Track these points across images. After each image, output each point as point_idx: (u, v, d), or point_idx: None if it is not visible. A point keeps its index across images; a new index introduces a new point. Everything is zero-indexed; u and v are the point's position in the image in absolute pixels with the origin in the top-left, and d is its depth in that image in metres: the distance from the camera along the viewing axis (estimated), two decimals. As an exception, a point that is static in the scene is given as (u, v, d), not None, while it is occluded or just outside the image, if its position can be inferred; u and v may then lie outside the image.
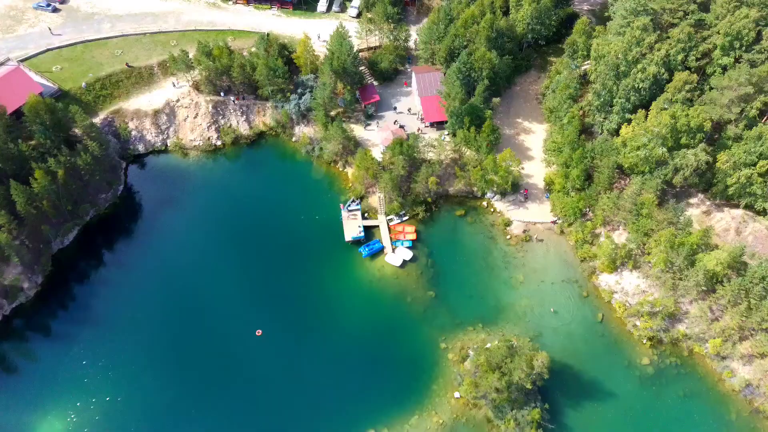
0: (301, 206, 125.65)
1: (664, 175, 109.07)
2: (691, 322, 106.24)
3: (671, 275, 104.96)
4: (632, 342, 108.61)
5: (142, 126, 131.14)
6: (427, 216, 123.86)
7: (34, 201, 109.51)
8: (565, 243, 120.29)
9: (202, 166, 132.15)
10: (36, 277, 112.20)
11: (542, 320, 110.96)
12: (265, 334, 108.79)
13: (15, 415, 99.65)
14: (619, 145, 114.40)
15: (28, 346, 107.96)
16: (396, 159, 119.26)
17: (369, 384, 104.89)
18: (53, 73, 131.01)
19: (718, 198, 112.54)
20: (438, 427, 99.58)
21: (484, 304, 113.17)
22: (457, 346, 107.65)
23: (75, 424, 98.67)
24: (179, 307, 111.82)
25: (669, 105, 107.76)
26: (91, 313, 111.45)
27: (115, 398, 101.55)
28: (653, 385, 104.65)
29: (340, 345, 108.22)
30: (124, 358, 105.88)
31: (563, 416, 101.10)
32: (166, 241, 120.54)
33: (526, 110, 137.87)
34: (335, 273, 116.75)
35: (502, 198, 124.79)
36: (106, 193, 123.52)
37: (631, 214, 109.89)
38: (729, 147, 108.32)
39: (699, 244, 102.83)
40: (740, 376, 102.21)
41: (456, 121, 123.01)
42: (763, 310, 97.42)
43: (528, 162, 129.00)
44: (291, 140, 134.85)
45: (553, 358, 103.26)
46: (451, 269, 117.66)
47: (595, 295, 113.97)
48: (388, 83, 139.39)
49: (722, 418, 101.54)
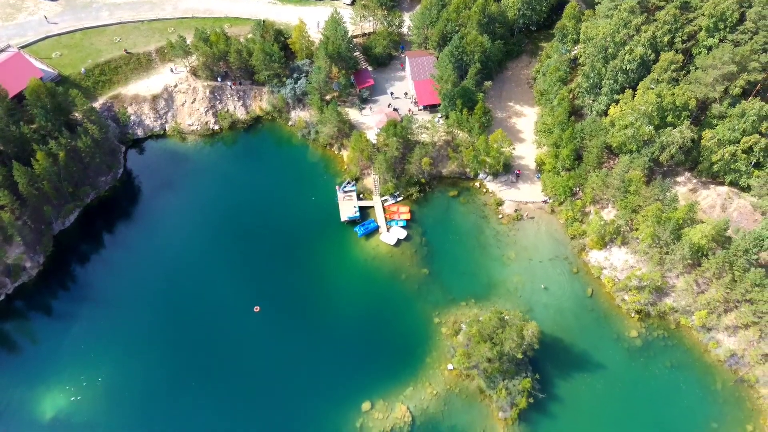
0: (297, 188, 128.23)
1: (651, 153, 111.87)
2: (677, 296, 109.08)
3: (658, 250, 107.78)
4: (621, 315, 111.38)
5: (140, 111, 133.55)
6: (420, 197, 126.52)
7: (35, 182, 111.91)
8: (556, 221, 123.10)
9: (199, 150, 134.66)
10: (38, 257, 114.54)
11: (533, 296, 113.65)
12: (262, 310, 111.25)
13: (18, 391, 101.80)
14: (608, 125, 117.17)
15: (31, 324, 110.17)
16: (390, 141, 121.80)
17: (365, 358, 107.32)
18: (53, 60, 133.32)
19: (704, 176, 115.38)
20: (432, 397, 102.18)
21: (476, 281, 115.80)
22: (450, 321, 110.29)
23: (77, 400, 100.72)
24: (178, 286, 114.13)
25: (655, 85, 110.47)
26: (92, 292, 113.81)
27: (115, 375, 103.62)
28: (641, 356, 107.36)
29: (336, 321, 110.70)
30: (125, 335, 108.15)
31: (553, 386, 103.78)
32: (165, 222, 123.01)
33: (517, 94, 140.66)
34: (331, 252, 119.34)
35: (494, 179, 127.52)
36: (105, 175, 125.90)
37: (619, 191, 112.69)
38: (714, 126, 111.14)
39: (685, 219, 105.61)
40: (725, 346, 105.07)
41: (449, 103, 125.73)
42: (746, 282, 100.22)
43: (519, 144, 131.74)
44: (287, 124, 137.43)
45: (544, 332, 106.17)
46: (444, 248, 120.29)
47: (585, 272, 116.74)
48: (383, 68, 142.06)
49: (708, 387, 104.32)
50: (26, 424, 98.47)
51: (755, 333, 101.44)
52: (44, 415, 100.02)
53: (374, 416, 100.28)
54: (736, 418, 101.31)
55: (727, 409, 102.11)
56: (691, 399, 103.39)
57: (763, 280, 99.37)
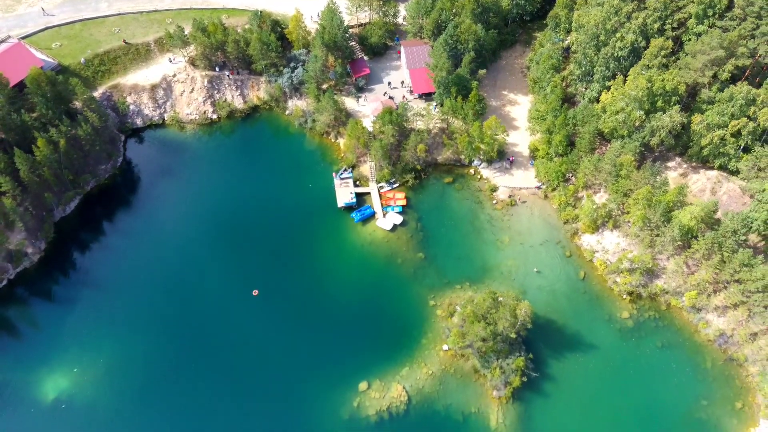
0: (294, 176, 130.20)
1: (642, 138, 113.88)
2: (668, 278, 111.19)
3: (649, 232, 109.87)
4: (613, 297, 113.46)
5: (139, 100, 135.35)
6: (416, 183, 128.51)
7: (36, 169, 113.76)
8: (549, 207, 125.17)
9: (198, 138, 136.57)
10: (39, 243, 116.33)
11: (527, 279, 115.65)
12: (261, 294, 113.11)
13: (20, 373, 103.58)
14: (599, 111, 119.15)
15: (32, 308, 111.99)
16: (386, 128, 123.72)
17: (362, 340, 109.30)
18: (53, 50, 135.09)
19: (694, 160, 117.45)
20: (427, 377, 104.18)
21: (471, 265, 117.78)
22: (446, 303, 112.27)
23: (78, 382, 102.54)
24: (178, 271, 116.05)
25: (645, 71, 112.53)
26: (93, 278, 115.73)
27: (116, 356, 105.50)
28: (632, 337, 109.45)
29: (334, 304, 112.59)
30: (126, 318, 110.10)
31: (547, 366, 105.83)
32: (164, 210, 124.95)
33: (511, 83, 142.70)
34: (328, 237, 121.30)
35: (488, 165, 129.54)
36: (105, 164, 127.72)
37: (610, 175, 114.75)
38: (703, 110, 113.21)
39: (674, 202, 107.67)
40: (715, 326, 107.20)
41: (443, 91, 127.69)
42: (735, 262, 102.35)
43: (513, 131, 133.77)
44: (284, 113, 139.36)
45: (537, 314, 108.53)
46: (439, 233, 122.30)
47: (578, 255, 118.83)
48: (378, 58, 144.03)
49: (698, 366, 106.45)
50: (29, 405, 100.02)
51: (744, 312, 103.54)
52: (46, 397, 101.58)
53: (371, 396, 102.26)
54: (725, 396, 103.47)
55: (716, 387, 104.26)
56: (681, 378, 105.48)
57: (751, 260, 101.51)
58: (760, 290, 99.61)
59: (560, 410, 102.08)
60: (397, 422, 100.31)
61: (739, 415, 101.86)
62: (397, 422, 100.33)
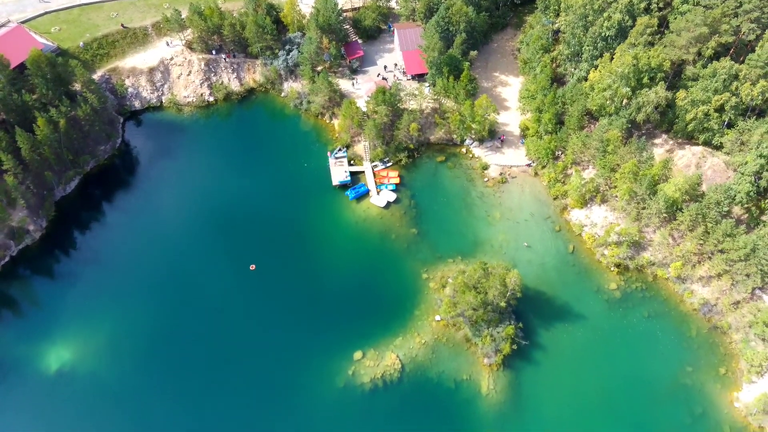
0: (290, 156, 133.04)
1: (629, 115, 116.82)
2: (654, 250, 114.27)
3: (635, 205, 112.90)
4: (601, 270, 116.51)
5: (137, 83, 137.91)
6: (409, 162, 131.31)
7: (37, 148, 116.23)
8: (539, 184, 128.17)
9: (195, 120, 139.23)
10: (41, 221, 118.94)
11: (517, 253, 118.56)
12: (258, 268, 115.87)
13: (23, 347, 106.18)
14: (588, 89, 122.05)
15: (34, 284, 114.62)
16: (379, 108, 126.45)
17: (356, 312, 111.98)
18: (52, 34, 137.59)
19: (679, 136, 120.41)
20: (420, 346, 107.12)
21: (462, 240, 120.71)
22: (438, 276, 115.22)
23: (78, 356, 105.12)
24: (177, 248, 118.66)
25: (631, 48, 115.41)
26: (93, 255, 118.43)
27: (117, 329, 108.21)
28: (620, 307, 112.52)
29: (329, 278, 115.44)
30: (126, 293, 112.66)
31: (536, 335, 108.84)
32: (163, 189, 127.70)
33: (502, 65, 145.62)
34: (324, 214, 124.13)
35: (480, 144, 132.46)
36: (105, 144, 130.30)
37: (598, 151, 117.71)
38: (688, 87, 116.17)
39: (660, 175, 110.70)
40: (699, 296, 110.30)
41: (435, 71, 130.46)
42: (718, 233, 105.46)
43: (504, 111, 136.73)
44: (280, 95, 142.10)
45: (527, 286, 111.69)
46: (432, 209, 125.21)
47: (567, 230, 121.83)
48: (372, 41, 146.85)
49: (683, 335, 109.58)
50: (32, 376, 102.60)
51: (727, 281, 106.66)
52: (49, 368, 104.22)
53: (365, 364, 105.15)
54: (710, 363, 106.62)
55: (701, 354, 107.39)
56: (667, 346, 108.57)
57: (734, 230, 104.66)
58: (742, 259, 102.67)
59: (549, 377, 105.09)
60: (391, 389, 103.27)
61: (722, 380, 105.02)
62: (391, 389, 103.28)
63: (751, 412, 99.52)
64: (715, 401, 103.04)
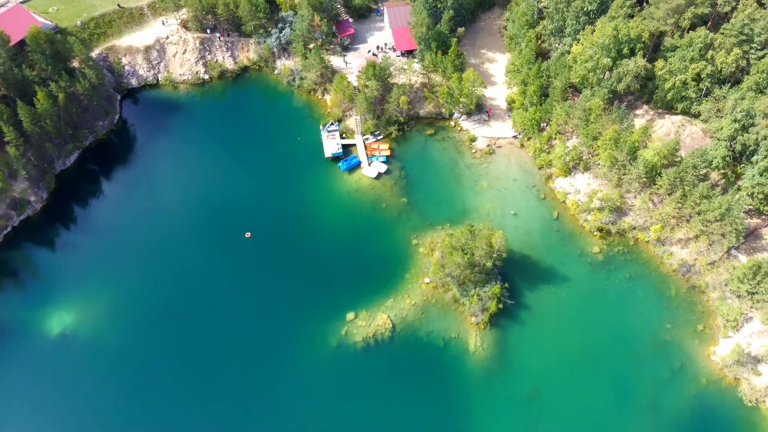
0: (284, 130, 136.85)
1: (610, 85, 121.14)
2: (635, 214, 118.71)
3: (616, 171, 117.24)
4: (584, 234, 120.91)
5: (134, 61, 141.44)
6: (399, 135, 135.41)
7: (38, 121, 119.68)
8: (525, 154, 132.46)
9: (191, 98, 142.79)
10: (41, 192, 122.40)
11: (504, 220, 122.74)
12: (254, 236, 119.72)
13: (26, 312, 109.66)
14: (571, 62, 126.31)
15: (36, 253, 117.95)
16: (370, 82, 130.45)
17: (349, 276, 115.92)
18: (50, 14, 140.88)
19: (659, 106, 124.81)
20: (410, 307, 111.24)
21: (451, 208, 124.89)
22: (427, 242, 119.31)
23: (79, 320, 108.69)
24: (175, 217, 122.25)
25: (612, 21, 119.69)
26: (93, 225, 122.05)
27: (116, 296, 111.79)
28: (602, 269, 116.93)
29: (323, 244, 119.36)
30: (125, 261, 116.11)
31: (522, 296, 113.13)
32: (161, 163, 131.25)
33: (489, 42, 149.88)
34: (317, 184, 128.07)
35: (468, 118, 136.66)
36: (103, 120, 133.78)
37: (581, 120, 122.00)
38: (667, 58, 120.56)
39: (640, 142, 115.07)
40: (678, 257, 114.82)
41: (424, 46, 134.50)
42: (695, 195, 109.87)
43: (492, 86, 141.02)
44: (273, 73, 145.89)
45: (513, 250, 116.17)
46: (422, 180, 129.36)
47: (551, 197, 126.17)
48: (362, 20, 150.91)
49: (663, 294, 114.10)
50: (35, 340, 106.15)
51: (704, 242, 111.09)
52: (52, 332, 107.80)
53: (358, 324, 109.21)
54: (688, 320, 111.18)
55: (680, 312, 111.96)
56: (647, 305, 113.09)
57: (710, 192, 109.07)
58: (717, 219, 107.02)
59: (534, 334, 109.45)
60: (382, 347, 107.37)
61: (700, 336, 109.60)
62: (383, 347, 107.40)
63: (726, 365, 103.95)
64: (692, 355, 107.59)
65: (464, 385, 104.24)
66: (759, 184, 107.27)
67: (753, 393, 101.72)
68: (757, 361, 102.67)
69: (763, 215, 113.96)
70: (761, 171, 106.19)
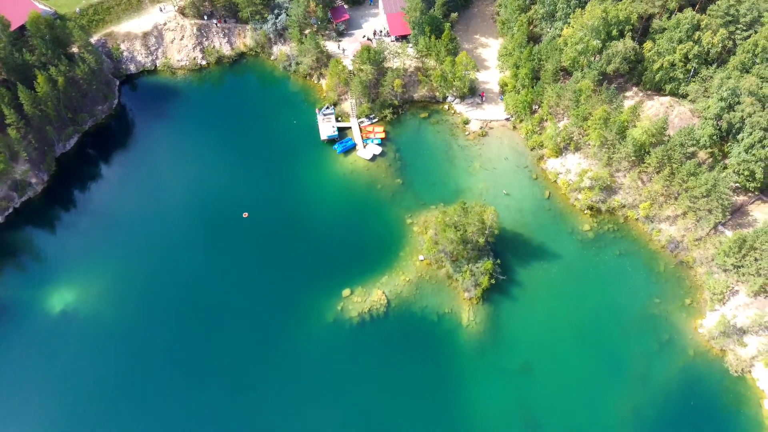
0: (280, 114, 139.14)
1: (600, 67, 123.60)
2: (625, 193, 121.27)
3: (606, 150, 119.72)
4: (575, 213, 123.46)
5: (132, 47, 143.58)
6: (394, 118, 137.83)
7: (38, 104, 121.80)
8: (517, 136, 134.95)
9: (189, 83, 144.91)
10: (42, 175, 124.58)
11: (496, 199, 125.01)
12: (252, 216, 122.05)
13: (29, 290, 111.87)
14: (561, 45, 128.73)
15: (37, 234, 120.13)
16: (365, 66, 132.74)
17: (345, 255, 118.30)
18: (49, 0, 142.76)
19: (648, 87, 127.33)
20: (405, 283, 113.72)
21: (445, 189, 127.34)
22: (421, 221, 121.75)
23: (80, 296, 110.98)
24: (174, 199, 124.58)
25: (601, 3, 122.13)
26: (93, 206, 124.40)
27: (117, 274, 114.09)
28: (593, 246, 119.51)
29: (319, 224, 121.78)
30: (124, 241, 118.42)
31: (514, 273, 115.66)
32: (159, 146, 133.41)
33: (483, 28, 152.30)
34: (313, 166, 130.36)
35: (461, 101, 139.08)
36: (102, 105, 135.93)
37: (571, 101, 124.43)
38: (655, 40, 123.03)
39: (628, 121, 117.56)
40: (666, 234, 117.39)
41: (418, 30, 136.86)
42: (682, 172, 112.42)
43: (485, 70, 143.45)
44: (269, 59, 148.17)
45: (506, 228, 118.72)
46: (416, 161, 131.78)
47: (543, 177, 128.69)
48: (357, 6, 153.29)
49: (652, 270, 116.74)
50: (37, 318, 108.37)
51: (692, 218, 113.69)
52: (54, 309, 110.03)
53: (353, 300, 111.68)
54: (676, 294, 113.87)
55: (668, 287, 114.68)
56: (636, 280, 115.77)
57: (697, 169, 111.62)
58: (704, 195, 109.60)
59: (526, 309, 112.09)
60: (377, 322, 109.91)
61: (688, 309, 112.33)
62: (378, 322, 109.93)
63: (713, 337, 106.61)
64: (680, 329, 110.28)
65: (457, 358, 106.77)
66: (744, 161, 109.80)
67: (739, 363, 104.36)
68: (743, 332, 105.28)
69: (749, 192, 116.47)
70: (746, 148, 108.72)
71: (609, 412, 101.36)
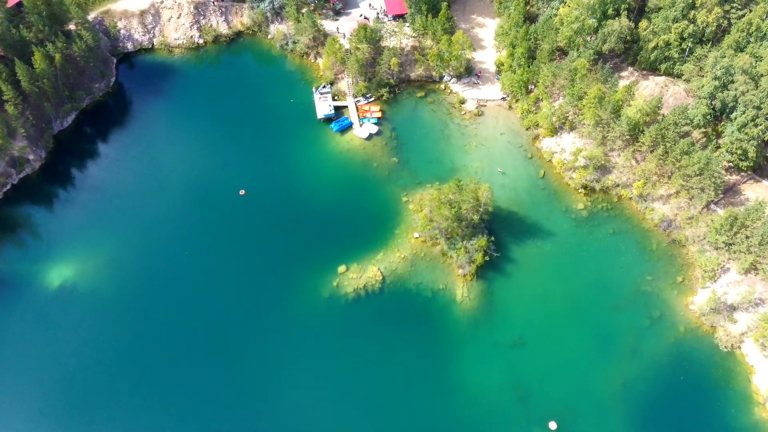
0: (277, 93, 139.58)
1: (596, 45, 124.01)
2: (619, 172, 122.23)
3: (600, 129, 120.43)
4: (569, 192, 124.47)
5: (129, 25, 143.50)
6: (390, 98, 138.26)
7: (36, 80, 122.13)
8: (513, 116, 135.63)
9: (186, 62, 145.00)
10: (40, 151, 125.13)
11: (491, 178, 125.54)
12: (248, 193, 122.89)
13: (27, 266, 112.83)
14: (558, 24, 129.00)
15: (35, 211, 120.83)
16: (362, 45, 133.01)
17: (341, 232, 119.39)
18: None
19: (643, 67, 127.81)
20: (400, 260, 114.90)
21: (440, 167, 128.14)
22: (417, 200, 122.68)
23: (78, 271, 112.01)
24: (171, 176, 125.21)
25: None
26: (91, 182, 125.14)
27: (114, 250, 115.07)
28: (587, 225, 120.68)
29: (315, 202, 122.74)
30: (123, 217, 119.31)
31: (508, 250, 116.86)
32: (157, 124, 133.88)
33: (479, 8, 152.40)
34: (309, 144, 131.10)
35: (457, 81, 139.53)
36: (99, 82, 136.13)
37: (567, 81, 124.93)
38: (651, 20, 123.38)
39: (623, 100, 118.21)
40: (659, 212, 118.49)
41: (415, 9, 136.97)
42: (676, 151, 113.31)
43: (481, 50, 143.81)
44: (266, 38, 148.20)
45: (500, 207, 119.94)
46: (412, 140, 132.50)
47: (538, 156, 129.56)
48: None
49: (645, 248, 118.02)
50: (36, 292, 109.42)
51: (685, 197, 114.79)
52: (52, 284, 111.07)
53: (349, 276, 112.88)
54: (669, 272, 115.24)
55: (660, 265, 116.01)
56: (629, 258, 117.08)
57: (690, 147, 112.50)
58: (697, 173, 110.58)
59: (520, 286, 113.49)
60: (372, 298, 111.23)
61: (680, 287, 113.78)
62: (373, 298, 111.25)
63: (704, 313, 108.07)
64: (672, 305, 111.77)
65: (451, 333, 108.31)
66: (738, 139, 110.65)
67: (728, 339, 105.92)
68: (733, 309, 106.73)
69: (742, 172, 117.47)
70: (739, 126, 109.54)
71: (600, 385, 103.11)
